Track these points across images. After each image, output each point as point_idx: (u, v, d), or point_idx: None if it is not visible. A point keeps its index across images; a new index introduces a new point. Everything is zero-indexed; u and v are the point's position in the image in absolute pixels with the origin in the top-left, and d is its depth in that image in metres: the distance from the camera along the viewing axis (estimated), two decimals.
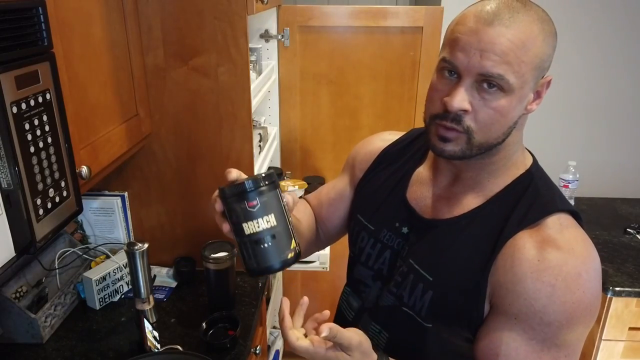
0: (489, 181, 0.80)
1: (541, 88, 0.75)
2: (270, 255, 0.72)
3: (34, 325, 1.24)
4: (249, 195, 0.70)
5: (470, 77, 0.70)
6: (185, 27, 1.34)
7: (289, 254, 0.72)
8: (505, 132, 0.75)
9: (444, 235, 0.81)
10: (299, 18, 2.03)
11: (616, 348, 1.77)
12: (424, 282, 0.81)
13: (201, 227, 1.56)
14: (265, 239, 0.71)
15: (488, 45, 0.68)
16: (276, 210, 0.71)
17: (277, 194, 0.72)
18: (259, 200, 0.70)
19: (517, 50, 0.68)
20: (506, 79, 0.69)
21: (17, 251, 0.79)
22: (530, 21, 0.70)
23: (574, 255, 0.71)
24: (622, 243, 1.93)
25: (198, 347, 1.26)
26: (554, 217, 0.74)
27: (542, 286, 0.70)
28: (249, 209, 0.70)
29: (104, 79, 1.14)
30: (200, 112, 1.43)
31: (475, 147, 0.74)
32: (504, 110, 0.71)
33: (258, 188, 0.70)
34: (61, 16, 0.93)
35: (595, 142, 2.30)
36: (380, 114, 2.15)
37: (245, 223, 0.71)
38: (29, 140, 0.80)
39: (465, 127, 0.72)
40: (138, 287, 1.27)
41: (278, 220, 0.71)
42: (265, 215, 0.70)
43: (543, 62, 0.72)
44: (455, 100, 0.71)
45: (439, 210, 0.84)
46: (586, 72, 2.18)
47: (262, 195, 0.70)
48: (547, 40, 0.71)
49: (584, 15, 2.09)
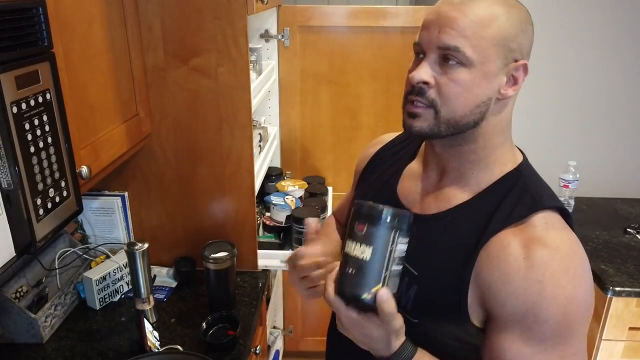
0: (472, 174, 0.81)
1: (516, 73, 0.75)
2: (348, 282, 0.72)
3: (34, 325, 1.24)
4: (362, 218, 0.71)
5: (433, 52, 0.73)
6: (185, 27, 1.34)
7: (364, 294, 0.70)
8: (473, 111, 0.75)
9: (430, 230, 0.81)
10: (299, 18, 2.03)
11: (616, 348, 1.77)
12: (409, 277, 0.81)
13: (201, 227, 1.56)
14: (351, 264, 0.71)
15: (446, 21, 0.72)
16: (377, 247, 0.70)
17: (389, 234, 0.70)
18: (366, 228, 0.70)
19: (474, 26, 0.71)
20: (462, 51, 0.71)
21: (17, 251, 0.79)
22: (493, 2, 0.73)
23: (559, 253, 0.71)
24: (622, 243, 1.93)
25: (198, 347, 1.26)
26: (539, 215, 0.74)
27: (530, 283, 0.70)
28: (355, 230, 0.71)
29: (104, 79, 1.14)
30: (200, 112, 1.43)
31: (443, 124, 0.75)
32: (466, 84, 0.73)
33: (372, 216, 0.70)
34: (61, 16, 0.93)
35: (595, 142, 2.30)
36: (380, 114, 2.15)
37: (347, 240, 0.72)
38: (29, 140, 0.80)
39: (430, 100, 0.74)
40: (138, 287, 1.27)
41: (372, 257, 0.70)
42: (363, 244, 0.70)
43: (507, 40, 0.73)
44: (417, 72, 0.74)
45: (427, 205, 0.85)
46: (586, 72, 2.18)
47: (372, 226, 0.70)
48: (512, 21, 0.73)
49: (584, 15, 2.09)
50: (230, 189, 1.51)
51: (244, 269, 1.59)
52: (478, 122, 0.76)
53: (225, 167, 1.49)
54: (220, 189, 1.51)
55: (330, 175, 2.28)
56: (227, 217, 1.55)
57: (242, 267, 1.58)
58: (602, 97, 2.22)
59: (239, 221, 1.55)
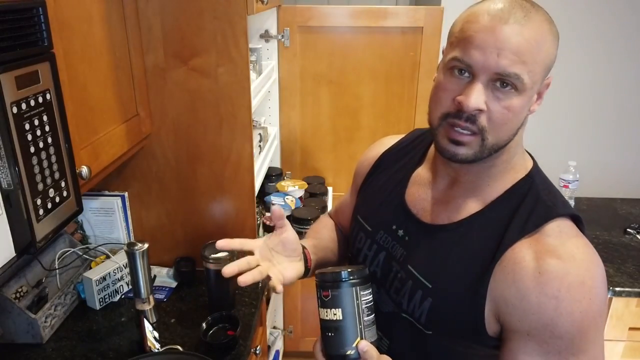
0: (488, 185, 0.79)
1: (543, 89, 0.75)
2: (331, 344, 0.79)
3: (34, 326, 1.24)
4: (325, 285, 0.79)
5: (486, 76, 0.69)
6: (185, 27, 1.34)
7: (348, 351, 0.77)
8: (515, 133, 0.74)
9: (442, 242, 0.80)
10: (299, 18, 2.03)
11: (616, 348, 1.77)
12: (423, 289, 0.80)
13: (201, 227, 1.56)
14: (329, 328, 0.79)
15: (505, 44, 0.67)
16: (345, 306, 0.78)
17: (351, 292, 0.78)
18: (331, 293, 0.78)
19: (532, 50, 0.68)
20: (522, 79, 0.68)
21: (17, 251, 0.79)
22: (542, 20, 0.70)
23: (575, 264, 0.69)
24: (622, 243, 1.93)
25: (198, 347, 1.26)
26: (553, 223, 0.73)
27: (546, 299, 0.68)
28: (322, 298, 0.79)
29: (104, 79, 1.14)
30: (200, 113, 1.43)
31: (487, 149, 0.73)
32: (516, 110, 0.71)
33: (335, 281, 0.78)
34: (61, 16, 0.93)
35: (595, 142, 2.29)
36: (380, 114, 2.15)
37: (320, 308, 0.80)
38: (29, 140, 0.80)
39: (480, 127, 0.71)
40: (138, 287, 1.27)
41: (345, 316, 0.77)
42: (332, 308, 0.78)
43: (551, 62, 0.72)
44: (472, 98, 0.69)
45: (438, 214, 0.83)
46: (586, 72, 2.18)
47: (335, 289, 0.78)
48: (554, 40, 0.72)
49: (584, 15, 2.09)
50: (230, 189, 1.51)
51: None
52: (510, 141, 0.75)
53: (225, 167, 1.49)
54: (220, 189, 1.51)
55: (330, 175, 2.28)
56: (227, 217, 1.55)
57: None
58: (602, 97, 2.22)
59: (239, 221, 1.55)
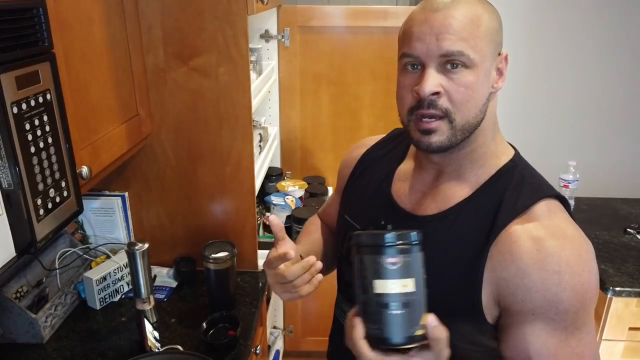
0: (472, 172, 0.81)
1: (501, 65, 0.78)
2: (395, 324, 0.62)
3: (35, 326, 1.24)
4: (389, 250, 0.62)
5: (433, 61, 0.73)
6: (186, 27, 1.34)
7: (417, 330, 0.62)
8: (481, 110, 0.76)
9: (433, 231, 0.80)
10: (299, 18, 2.03)
11: (616, 348, 1.77)
12: None
13: (201, 227, 1.56)
14: (391, 305, 0.62)
15: (441, 28, 0.72)
16: (417, 275, 0.63)
17: (422, 257, 0.63)
18: (403, 259, 0.62)
19: (468, 27, 0.72)
20: (466, 54, 0.72)
21: (18, 251, 0.79)
22: (471, 2, 0.74)
23: (568, 239, 0.72)
24: (622, 243, 1.92)
25: (198, 347, 1.26)
26: (542, 203, 0.75)
27: (548, 275, 0.70)
28: (386, 266, 0.62)
29: (104, 79, 1.14)
30: (200, 112, 1.43)
31: (459, 131, 0.75)
32: (474, 86, 0.73)
33: (403, 244, 0.62)
34: (61, 16, 0.93)
35: (595, 142, 2.30)
36: (380, 114, 2.15)
37: (377, 280, 0.62)
38: (30, 140, 0.80)
39: (444, 109, 0.74)
40: (138, 287, 1.27)
41: (417, 287, 0.62)
42: (403, 278, 0.62)
43: (494, 35, 0.75)
44: (426, 84, 0.72)
45: (427, 206, 0.84)
46: (586, 72, 2.18)
47: (407, 255, 0.62)
48: (491, 16, 0.75)
49: (583, 15, 2.09)
50: (231, 189, 1.51)
51: (244, 269, 1.59)
52: (480, 121, 0.77)
53: (225, 167, 1.49)
54: (221, 189, 1.51)
55: (330, 175, 2.28)
56: (227, 217, 1.55)
57: (243, 267, 1.58)
58: (602, 97, 2.22)
59: (239, 221, 1.55)
